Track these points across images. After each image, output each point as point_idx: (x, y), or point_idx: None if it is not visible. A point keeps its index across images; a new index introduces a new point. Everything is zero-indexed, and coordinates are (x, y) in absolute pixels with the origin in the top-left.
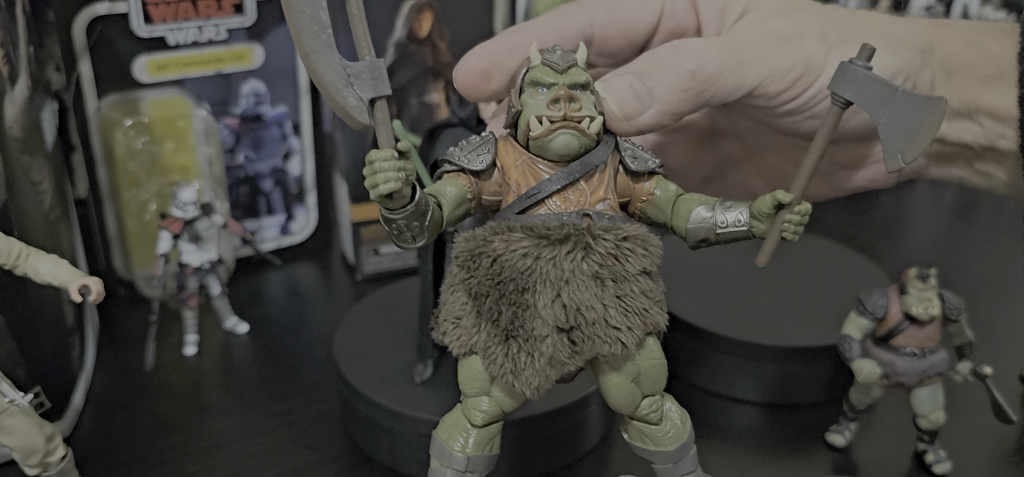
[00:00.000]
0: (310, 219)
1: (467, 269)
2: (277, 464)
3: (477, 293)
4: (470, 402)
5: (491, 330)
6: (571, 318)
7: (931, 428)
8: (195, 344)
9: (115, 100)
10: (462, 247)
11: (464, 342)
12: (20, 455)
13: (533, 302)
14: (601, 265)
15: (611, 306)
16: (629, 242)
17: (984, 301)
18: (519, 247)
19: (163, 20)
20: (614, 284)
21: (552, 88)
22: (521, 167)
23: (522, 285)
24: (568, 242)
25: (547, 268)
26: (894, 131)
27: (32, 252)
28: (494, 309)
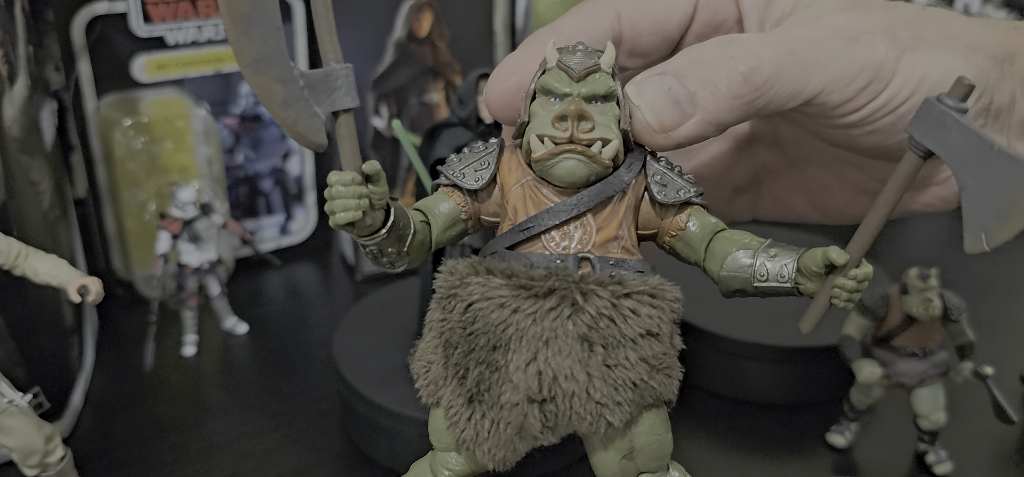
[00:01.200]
0: (309, 219)
1: (443, 309)
2: (276, 464)
3: (448, 340)
4: (439, 456)
5: (456, 388)
6: (546, 388)
7: (932, 428)
8: (194, 344)
9: (114, 100)
10: (442, 281)
11: (431, 392)
12: (19, 455)
13: (504, 363)
14: (591, 326)
15: (596, 375)
16: (632, 299)
17: (985, 301)
18: (496, 296)
19: (162, 20)
20: (604, 350)
21: (563, 100)
22: (522, 190)
23: (494, 341)
24: (552, 296)
25: (525, 324)
26: (982, 202)
27: (31, 252)
28: (461, 364)
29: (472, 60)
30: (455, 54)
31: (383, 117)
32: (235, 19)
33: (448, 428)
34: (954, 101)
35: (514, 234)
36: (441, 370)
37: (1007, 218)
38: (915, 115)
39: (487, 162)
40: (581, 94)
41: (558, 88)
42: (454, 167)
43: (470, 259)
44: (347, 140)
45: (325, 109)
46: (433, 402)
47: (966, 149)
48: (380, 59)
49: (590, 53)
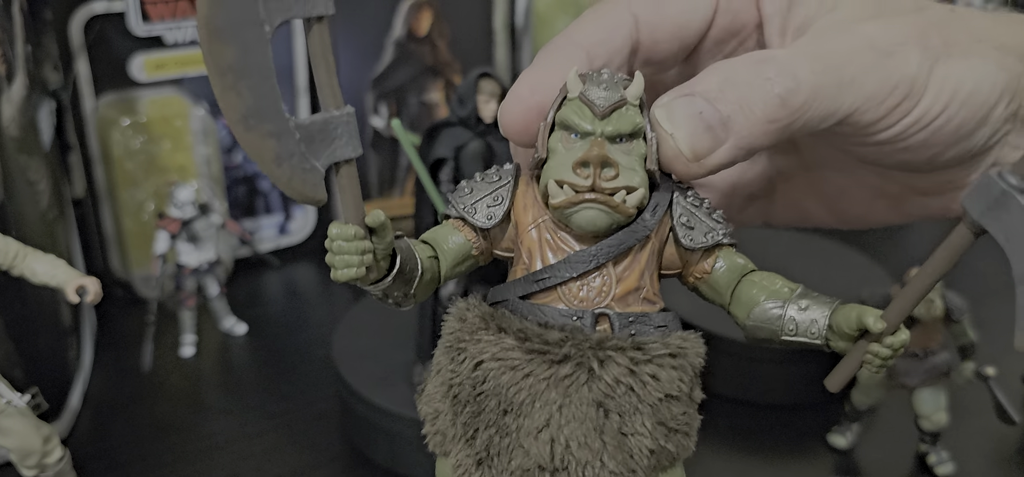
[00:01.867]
0: (309, 219)
1: (451, 358)
2: (275, 465)
3: (456, 396)
4: None
5: (465, 448)
6: (558, 458)
7: (933, 429)
8: (193, 345)
9: (112, 99)
10: (450, 329)
11: (439, 443)
12: (17, 456)
13: (515, 428)
14: (607, 394)
15: (611, 444)
16: (652, 364)
17: (987, 302)
18: (508, 357)
19: (161, 18)
20: (620, 418)
21: (585, 140)
22: (537, 232)
23: (504, 405)
24: (567, 363)
25: (538, 388)
26: None
27: (29, 252)
28: (470, 425)
29: (472, 59)
30: (455, 53)
31: (382, 116)
32: (221, 72)
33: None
34: (1019, 179)
35: (527, 284)
36: (450, 424)
37: None
38: (973, 188)
39: (501, 197)
40: (605, 133)
41: (579, 125)
42: (465, 199)
43: (480, 307)
44: (349, 191)
45: (324, 162)
46: (442, 453)
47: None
48: (379, 58)
49: (615, 83)
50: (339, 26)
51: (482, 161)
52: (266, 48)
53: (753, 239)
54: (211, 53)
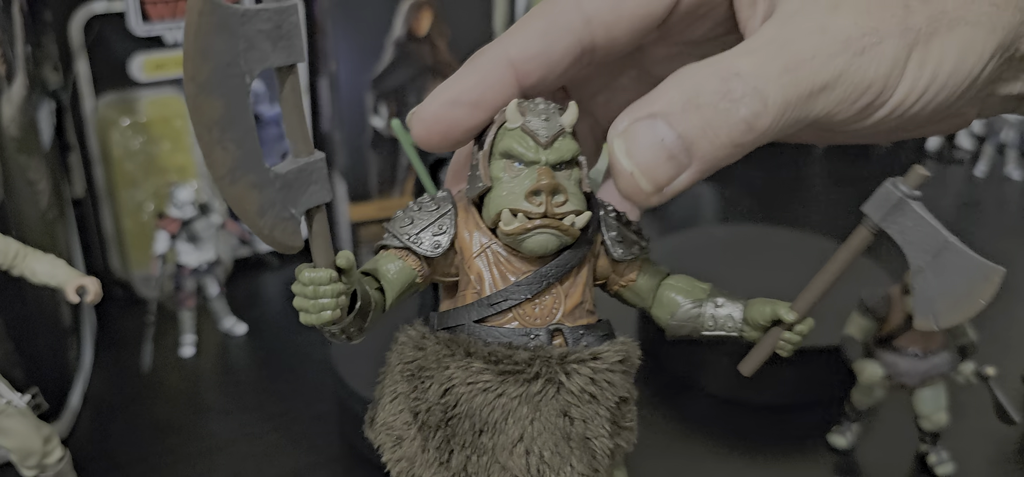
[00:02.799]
0: None
1: (412, 385)
2: (275, 465)
3: (424, 422)
4: None
5: (438, 470)
6: (534, 468)
7: (933, 429)
8: (193, 345)
9: (112, 99)
10: (409, 355)
11: (405, 469)
12: (17, 456)
13: (491, 446)
14: (572, 403)
15: (578, 448)
16: (609, 372)
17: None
18: (479, 381)
19: (161, 18)
20: (584, 424)
21: (531, 169)
22: (485, 257)
23: (479, 425)
24: (538, 380)
25: (511, 406)
26: (934, 288)
27: (29, 252)
28: (443, 449)
29: None
30: (455, 53)
31: (382, 116)
32: (207, 128)
33: None
34: (909, 189)
35: (482, 308)
36: (418, 449)
37: (959, 306)
38: (874, 197)
39: (444, 226)
40: (548, 161)
41: (524, 155)
42: (407, 229)
43: (438, 334)
44: (321, 236)
45: (301, 209)
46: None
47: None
48: (379, 58)
49: (553, 112)
50: (339, 26)
51: None
52: (247, 99)
53: (752, 238)
54: (198, 109)
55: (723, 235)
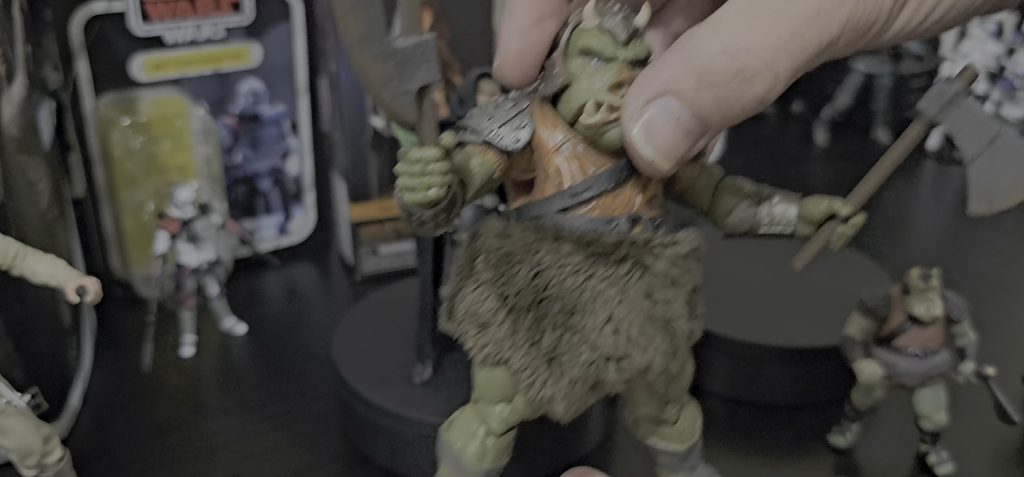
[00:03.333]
0: (308, 219)
1: (499, 271)
2: (275, 465)
3: (514, 306)
4: (489, 409)
5: (529, 351)
6: (622, 344)
7: (933, 429)
8: (193, 345)
9: (112, 99)
10: (493, 244)
11: (492, 353)
12: (17, 456)
13: (581, 326)
14: (655, 287)
15: (660, 330)
16: (685, 260)
17: (987, 302)
18: (569, 263)
19: (161, 19)
20: (666, 306)
21: (610, 65)
22: (565, 152)
23: (570, 306)
24: (626, 262)
25: (599, 288)
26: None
27: (29, 252)
28: (534, 329)
29: (472, 59)
30: (455, 53)
31: (382, 117)
32: None
33: (521, 388)
34: (963, 85)
35: (565, 198)
36: (506, 333)
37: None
38: (928, 94)
39: (523, 122)
40: (626, 58)
41: (603, 52)
42: (486, 125)
43: (525, 223)
44: (429, 116)
45: (414, 85)
46: (496, 362)
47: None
48: None
49: (628, 14)
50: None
51: None
52: None
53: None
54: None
55: None
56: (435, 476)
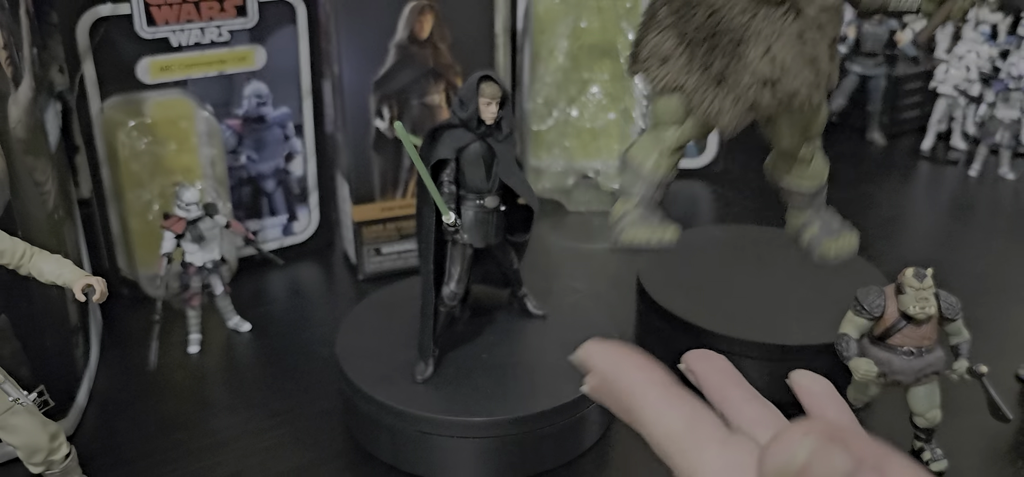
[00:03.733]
0: (312, 219)
1: (680, 14)
2: (279, 462)
3: (691, 40)
4: (663, 131)
5: (702, 76)
6: (776, 71)
7: (928, 426)
8: (198, 343)
9: (118, 101)
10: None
11: (670, 80)
12: (24, 453)
13: (745, 54)
14: (806, 28)
15: (807, 64)
16: (828, 12)
17: (980, 301)
18: (738, 3)
19: (166, 22)
20: (812, 45)
21: None
22: None
23: (737, 39)
24: (784, 5)
25: (761, 26)
26: None
27: (36, 252)
28: (707, 58)
29: (473, 62)
30: (456, 56)
31: (384, 119)
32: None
33: (693, 106)
34: None
35: None
36: (683, 63)
37: None
38: None
39: None
40: None
41: None
42: None
43: None
44: None
45: None
46: (671, 88)
47: None
48: (382, 61)
49: None
50: (343, 29)
51: (483, 162)
52: None
53: (752, 238)
54: None
55: (723, 235)
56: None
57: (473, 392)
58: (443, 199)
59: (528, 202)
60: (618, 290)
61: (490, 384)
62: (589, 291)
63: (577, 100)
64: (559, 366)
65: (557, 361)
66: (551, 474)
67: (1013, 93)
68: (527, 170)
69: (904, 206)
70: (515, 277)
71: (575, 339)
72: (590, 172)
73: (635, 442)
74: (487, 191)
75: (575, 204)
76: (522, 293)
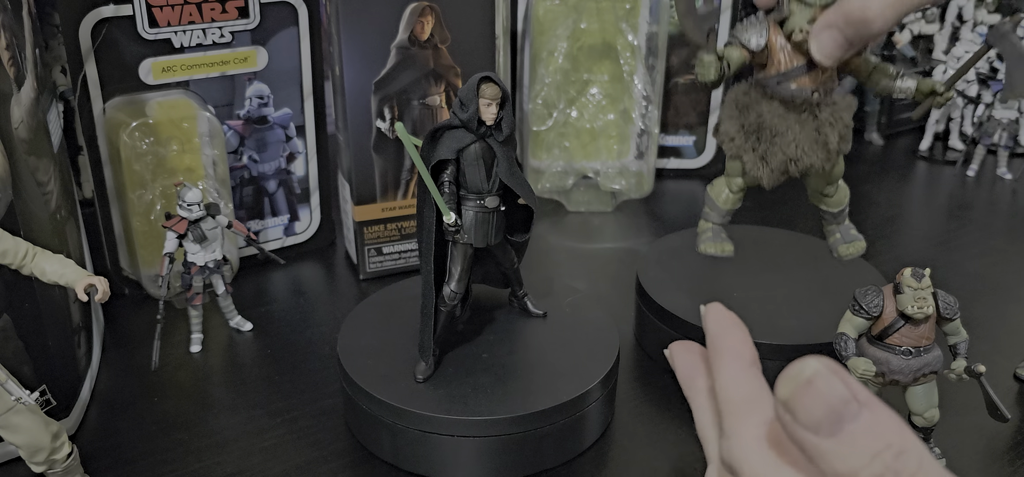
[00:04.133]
0: (313, 219)
1: (741, 112)
2: (280, 461)
3: (747, 129)
4: (732, 178)
5: (752, 153)
6: (798, 153)
7: (926, 426)
8: (200, 343)
9: (121, 102)
10: (740, 98)
11: (734, 152)
12: (26, 452)
13: (778, 141)
14: (821, 125)
15: (821, 147)
16: (839, 109)
17: (979, 300)
18: (775, 110)
19: (168, 23)
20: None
21: (811, 8)
22: (783, 51)
23: (774, 132)
24: (805, 111)
25: (789, 124)
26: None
27: (39, 252)
28: (755, 142)
29: (473, 64)
30: (456, 57)
31: (386, 119)
32: None
33: (747, 172)
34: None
35: (780, 76)
36: (741, 142)
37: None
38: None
39: (762, 33)
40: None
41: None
42: (743, 35)
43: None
44: (711, 40)
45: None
46: (733, 156)
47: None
48: (383, 62)
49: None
50: (344, 31)
51: (483, 163)
52: None
53: (751, 238)
54: None
55: None
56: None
57: (473, 391)
58: (444, 199)
59: (528, 202)
60: (618, 290)
61: (490, 383)
62: (589, 291)
63: (577, 101)
64: (559, 366)
65: (557, 361)
66: (551, 473)
67: None
68: (527, 171)
69: (902, 206)
70: (515, 277)
71: (575, 339)
72: (590, 172)
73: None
74: (487, 191)
75: (575, 204)
76: (522, 293)
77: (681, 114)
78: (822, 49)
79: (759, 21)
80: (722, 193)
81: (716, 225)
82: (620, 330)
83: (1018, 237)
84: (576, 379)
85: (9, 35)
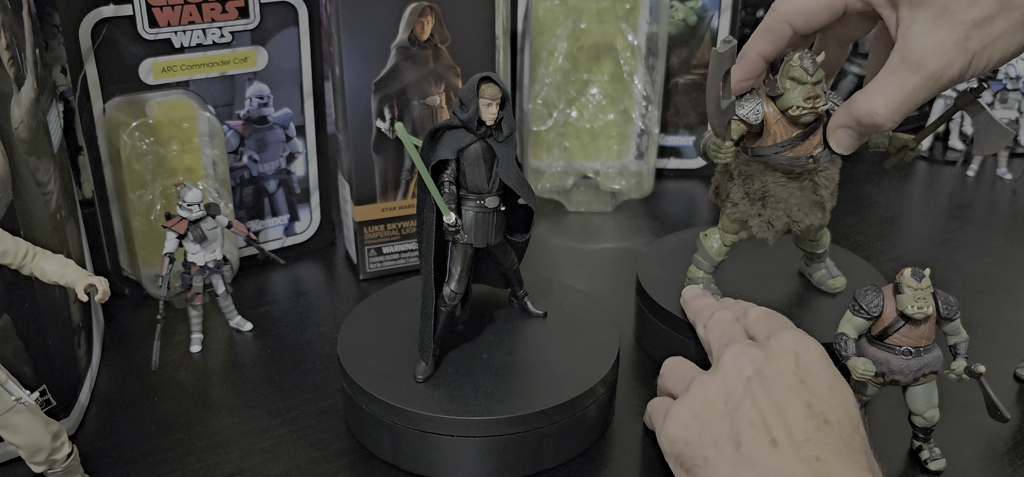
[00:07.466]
0: (313, 219)
1: (744, 178)
2: (280, 461)
3: (751, 197)
4: (727, 233)
5: (755, 216)
6: (793, 214)
7: (926, 426)
8: (200, 343)
9: (121, 102)
10: (744, 169)
11: (739, 216)
12: (26, 452)
13: (780, 206)
14: (816, 189)
15: (818, 208)
16: (829, 174)
17: (979, 300)
18: (777, 179)
19: (168, 23)
20: (819, 196)
21: (804, 86)
22: (779, 123)
23: (776, 198)
24: (802, 178)
25: (790, 191)
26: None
27: (39, 252)
28: (760, 207)
29: (473, 64)
30: (456, 58)
31: (386, 120)
32: None
33: (754, 233)
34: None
35: (777, 146)
36: (746, 206)
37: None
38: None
39: (758, 108)
40: (816, 81)
41: (802, 78)
42: (742, 110)
43: (757, 157)
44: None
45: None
46: (737, 218)
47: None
48: (383, 62)
49: (814, 60)
50: (343, 31)
51: (483, 163)
52: None
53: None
54: None
55: None
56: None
57: (473, 391)
58: (444, 199)
59: (528, 202)
60: (618, 290)
61: (490, 383)
62: (589, 291)
63: (576, 101)
64: (559, 366)
65: (557, 361)
66: (551, 473)
67: (1011, 93)
68: (527, 171)
69: (902, 206)
70: (515, 277)
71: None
72: (590, 172)
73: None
74: (487, 191)
75: (575, 204)
76: (522, 293)
77: (681, 114)
78: (840, 145)
79: (753, 97)
80: (715, 245)
81: (706, 275)
82: (620, 330)
83: (1018, 237)
84: (576, 379)
85: (9, 35)
